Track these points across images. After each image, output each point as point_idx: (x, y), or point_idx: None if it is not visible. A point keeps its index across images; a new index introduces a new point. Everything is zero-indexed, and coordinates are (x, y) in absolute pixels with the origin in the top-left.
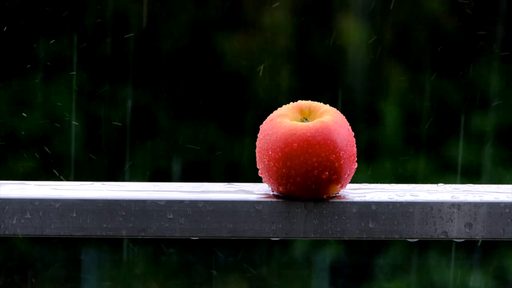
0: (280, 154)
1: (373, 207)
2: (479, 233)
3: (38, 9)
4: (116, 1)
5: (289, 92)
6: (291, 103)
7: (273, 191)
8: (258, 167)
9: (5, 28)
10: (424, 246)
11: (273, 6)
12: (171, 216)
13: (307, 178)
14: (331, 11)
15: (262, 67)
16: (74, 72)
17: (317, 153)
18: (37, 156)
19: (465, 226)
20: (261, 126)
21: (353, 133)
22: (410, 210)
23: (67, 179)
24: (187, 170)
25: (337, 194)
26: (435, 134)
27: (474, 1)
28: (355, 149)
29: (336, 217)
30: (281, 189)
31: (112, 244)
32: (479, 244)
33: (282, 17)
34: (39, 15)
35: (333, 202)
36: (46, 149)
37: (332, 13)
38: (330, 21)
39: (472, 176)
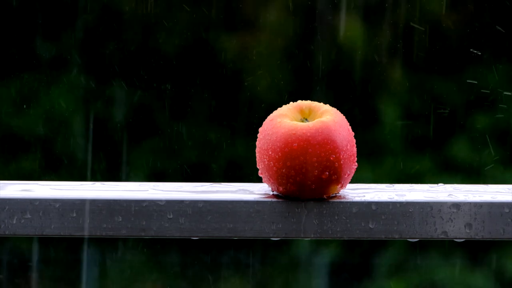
0: (280, 154)
1: (373, 207)
2: (479, 233)
3: (38, 9)
4: (116, 1)
5: (288, 92)
6: (291, 103)
7: (273, 191)
8: (258, 167)
9: (6, 27)
10: (424, 246)
11: (273, 5)
12: (171, 216)
13: (307, 178)
14: (331, 10)
15: (261, 67)
16: (74, 72)
17: (317, 153)
18: (38, 156)
19: (465, 226)
20: (261, 126)
21: (353, 133)
22: (410, 210)
23: (67, 179)
24: (187, 169)
25: (337, 194)
26: (435, 134)
27: (474, 1)
28: (355, 149)
29: (336, 217)
30: (281, 189)
31: (112, 244)
32: (479, 244)
33: (281, 17)
34: (39, 15)
35: (333, 202)
36: (46, 149)
37: (332, 13)
38: (330, 20)
39: (472, 176)
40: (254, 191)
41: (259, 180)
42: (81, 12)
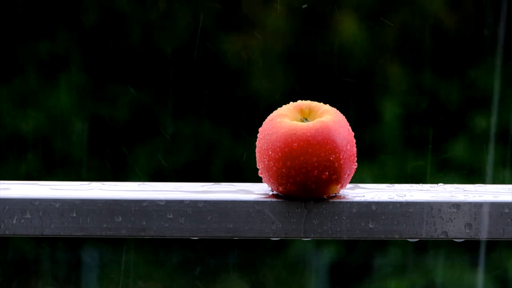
0: (280, 154)
1: (373, 207)
2: (479, 233)
3: (38, 8)
4: (116, 1)
5: (288, 92)
6: (291, 103)
7: (273, 191)
8: (258, 167)
9: (5, 27)
10: (424, 246)
11: (273, 6)
12: (171, 216)
13: (307, 178)
14: (331, 10)
15: (261, 66)
16: (74, 72)
17: (317, 153)
18: (38, 156)
19: (465, 226)
20: (260, 126)
21: (353, 133)
22: (410, 210)
23: (68, 179)
24: (187, 169)
25: (337, 194)
26: (435, 134)
27: (475, 1)
28: (355, 149)
29: (336, 217)
30: (281, 189)
31: (112, 244)
32: (479, 244)
33: (281, 17)
34: (39, 15)
35: (333, 202)
36: (47, 149)
37: (332, 13)
38: (330, 20)
39: (472, 176)
40: (254, 191)
41: (259, 180)
42: (81, 11)
